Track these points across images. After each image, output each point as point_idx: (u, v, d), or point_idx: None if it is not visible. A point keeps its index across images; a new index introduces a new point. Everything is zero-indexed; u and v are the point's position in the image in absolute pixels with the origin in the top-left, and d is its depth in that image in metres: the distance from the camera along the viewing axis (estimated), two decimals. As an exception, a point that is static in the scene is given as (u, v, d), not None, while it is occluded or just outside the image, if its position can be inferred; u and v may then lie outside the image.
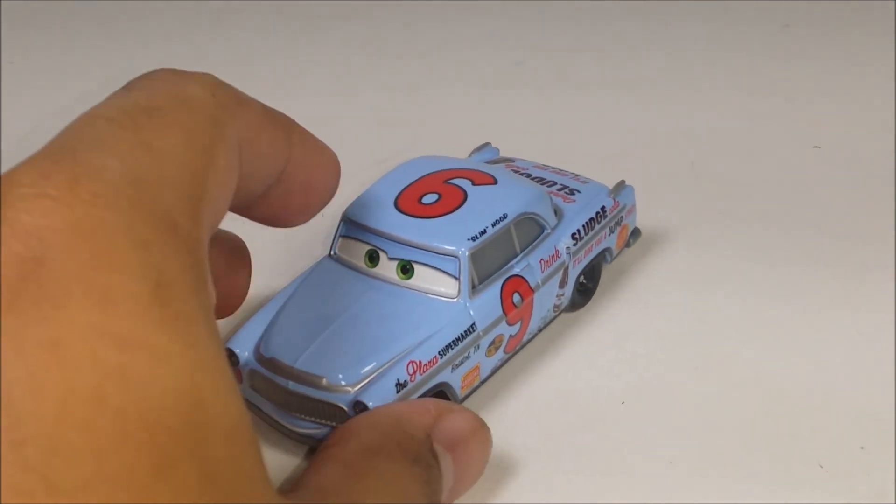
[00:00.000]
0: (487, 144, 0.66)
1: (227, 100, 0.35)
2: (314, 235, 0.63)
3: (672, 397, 0.52)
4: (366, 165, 0.67)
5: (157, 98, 0.33)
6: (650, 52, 0.87)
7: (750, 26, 0.90)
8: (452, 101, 0.82)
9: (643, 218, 0.63)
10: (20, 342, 0.24)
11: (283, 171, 0.40)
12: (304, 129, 0.42)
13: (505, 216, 0.53)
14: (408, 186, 0.55)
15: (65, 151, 0.29)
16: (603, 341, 0.57)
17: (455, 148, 0.64)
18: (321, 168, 0.42)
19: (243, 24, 0.96)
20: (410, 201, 0.54)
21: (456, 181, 0.55)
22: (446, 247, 0.51)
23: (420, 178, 0.55)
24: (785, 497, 0.46)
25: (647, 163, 0.73)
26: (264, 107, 0.39)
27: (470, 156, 0.65)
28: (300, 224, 0.45)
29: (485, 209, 0.53)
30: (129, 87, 0.34)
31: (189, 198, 0.30)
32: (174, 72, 0.36)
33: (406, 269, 0.52)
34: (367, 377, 0.48)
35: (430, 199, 0.54)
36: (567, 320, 0.58)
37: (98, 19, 0.96)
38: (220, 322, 0.57)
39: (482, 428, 0.45)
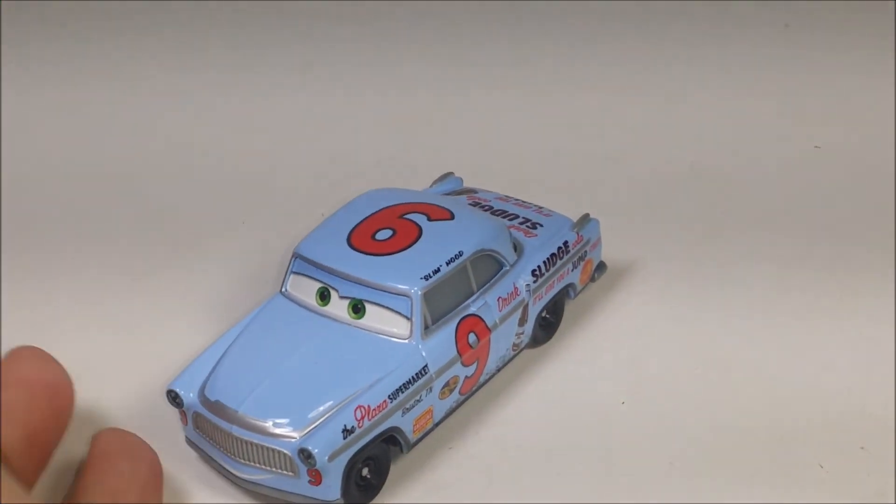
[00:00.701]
0: (450, 174, 0.64)
1: None
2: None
3: (672, 397, 0.52)
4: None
5: None
6: (649, 52, 0.86)
7: (750, 26, 0.89)
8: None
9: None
10: None
11: None
12: None
13: (461, 253, 0.52)
14: (362, 221, 0.53)
15: None
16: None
17: (418, 176, 0.63)
18: None
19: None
20: (364, 237, 0.52)
21: (411, 216, 0.53)
22: (398, 286, 0.50)
23: (375, 213, 0.54)
24: (785, 497, 0.46)
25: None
26: None
27: (432, 185, 0.63)
28: None
29: (440, 246, 0.52)
30: None
31: None
32: None
33: (357, 308, 0.50)
34: (313, 423, 0.46)
35: (383, 234, 0.52)
36: (531, 356, 0.57)
37: (98, 19, 0.94)
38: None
39: None
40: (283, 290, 0.53)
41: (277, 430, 0.47)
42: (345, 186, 0.66)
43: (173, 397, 0.49)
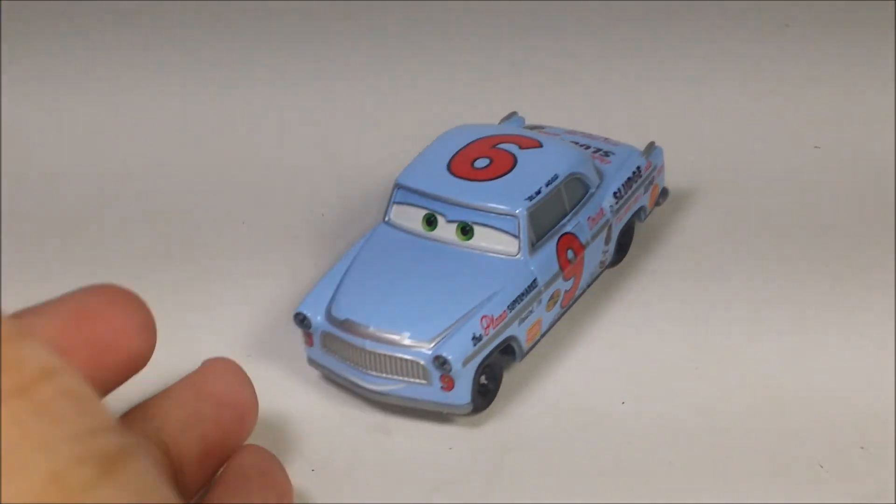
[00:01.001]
0: (514, 113, 0.68)
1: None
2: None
3: (672, 397, 0.52)
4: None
5: None
6: (648, 52, 0.87)
7: (750, 26, 0.90)
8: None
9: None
10: None
11: None
12: None
13: (556, 176, 0.55)
14: (458, 152, 0.57)
15: None
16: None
17: (479, 119, 0.66)
18: None
19: (239, 25, 0.96)
20: (463, 166, 0.56)
21: (504, 146, 0.57)
22: (505, 207, 0.54)
23: (468, 144, 0.57)
24: (785, 497, 0.46)
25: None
26: None
27: (499, 123, 0.67)
28: None
29: (536, 171, 0.56)
30: None
31: None
32: None
33: (466, 230, 0.54)
34: (443, 333, 0.50)
35: (481, 163, 0.56)
36: (608, 277, 0.61)
37: (98, 19, 0.95)
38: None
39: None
40: (387, 219, 0.57)
41: (409, 342, 0.50)
42: (347, 184, 0.69)
43: (301, 319, 0.53)
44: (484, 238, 0.54)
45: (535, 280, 0.53)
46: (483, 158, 0.56)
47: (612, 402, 0.52)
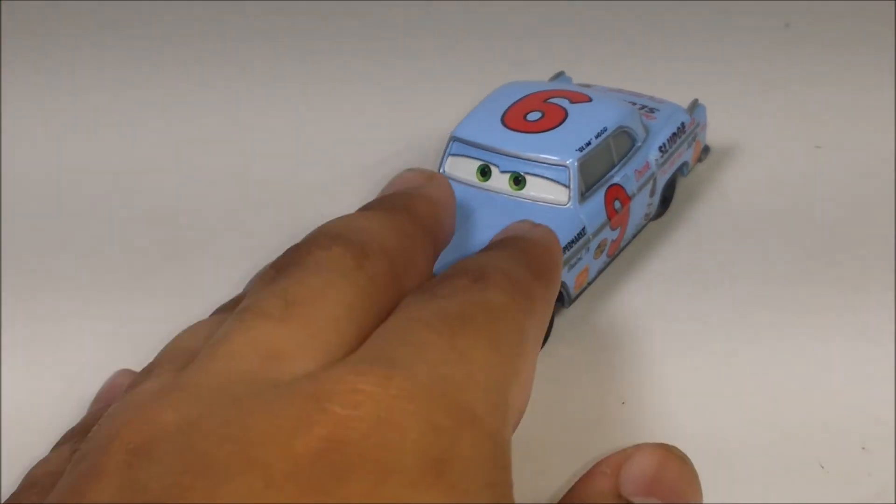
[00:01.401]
0: (562, 73, 0.70)
1: (524, 303, 0.38)
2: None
3: (672, 397, 0.53)
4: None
5: (469, 307, 0.36)
6: (648, 52, 0.87)
7: (750, 26, 0.91)
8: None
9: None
10: None
11: None
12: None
13: (605, 129, 0.58)
14: (511, 106, 0.59)
15: (382, 355, 0.33)
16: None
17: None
18: None
19: (245, 22, 0.97)
20: (516, 119, 0.58)
21: (555, 100, 0.59)
22: (556, 158, 0.56)
23: (521, 99, 0.60)
24: (785, 497, 0.46)
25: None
26: (535, 273, 0.42)
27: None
28: None
29: (586, 123, 0.58)
30: (434, 292, 0.37)
31: (492, 397, 0.33)
32: (474, 277, 0.38)
33: (518, 180, 0.56)
34: (497, 276, 0.52)
35: (534, 116, 0.58)
36: (652, 229, 0.63)
37: (98, 19, 0.97)
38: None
39: (670, 452, 0.42)
40: (441, 171, 0.59)
41: (465, 284, 0.53)
42: (348, 183, 0.69)
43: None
44: (535, 188, 0.56)
45: (584, 228, 0.56)
46: (535, 112, 0.58)
47: (612, 402, 0.52)
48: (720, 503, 0.46)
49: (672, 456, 0.42)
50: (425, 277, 0.42)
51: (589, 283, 0.58)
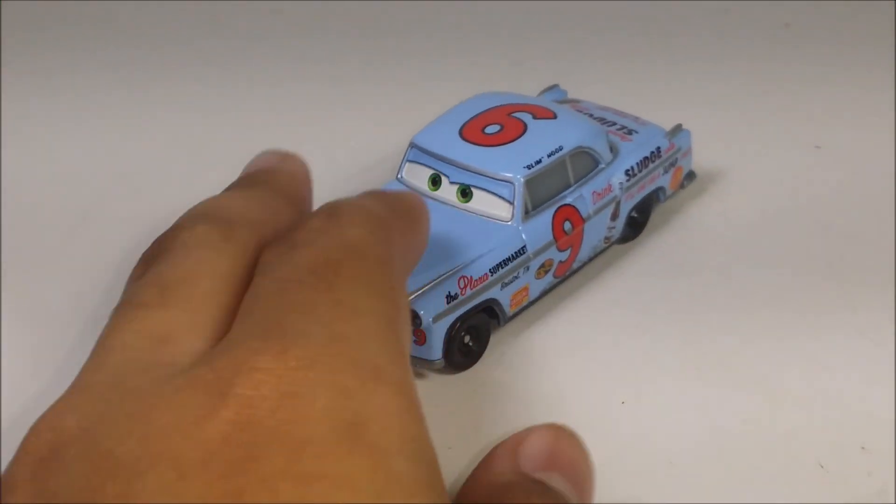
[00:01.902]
0: (556, 86, 0.69)
1: (381, 234, 0.38)
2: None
3: (672, 397, 0.52)
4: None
5: (332, 252, 0.35)
6: (648, 52, 0.87)
7: (750, 26, 0.90)
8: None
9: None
10: (210, 496, 0.28)
11: None
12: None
13: (561, 148, 0.57)
14: (474, 117, 0.59)
15: (271, 326, 0.32)
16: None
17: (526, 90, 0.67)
18: None
19: (243, 22, 0.97)
20: (474, 131, 0.57)
21: (518, 114, 0.59)
22: (503, 173, 0.55)
23: (486, 111, 0.59)
24: (785, 497, 0.46)
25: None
26: (391, 210, 0.41)
27: (538, 96, 0.68)
28: None
29: (542, 141, 0.57)
30: (293, 241, 0.37)
31: (388, 345, 0.33)
32: (327, 215, 0.38)
33: (465, 192, 0.56)
34: (420, 289, 0.52)
35: (492, 129, 0.57)
36: (618, 251, 0.62)
37: (98, 19, 0.97)
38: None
39: (562, 430, 0.42)
40: (399, 176, 0.59)
41: (389, 294, 0.52)
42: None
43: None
44: (481, 202, 0.56)
45: (524, 246, 0.55)
46: (494, 125, 0.58)
47: (612, 402, 0.52)
48: (720, 503, 0.46)
49: (564, 433, 0.41)
50: None
51: (530, 303, 0.57)
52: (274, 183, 0.45)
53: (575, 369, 0.55)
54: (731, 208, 0.66)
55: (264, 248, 0.38)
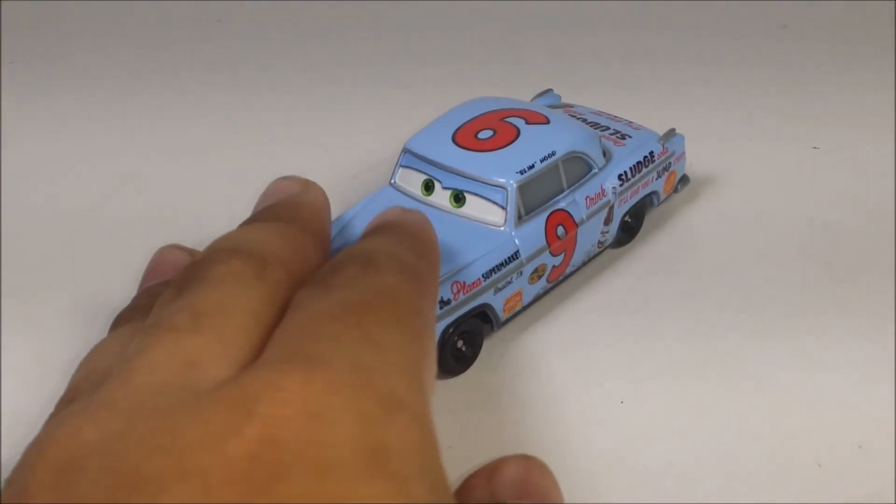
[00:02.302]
0: (550, 90, 0.69)
1: (415, 283, 0.39)
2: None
3: (672, 397, 0.53)
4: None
5: (366, 294, 0.36)
6: (642, 57, 0.87)
7: (749, 26, 0.90)
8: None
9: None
10: None
11: None
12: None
13: (553, 153, 0.57)
14: (466, 122, 0.59)
15: (298, 352, 0.33)
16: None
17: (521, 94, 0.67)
18: None
19: (244, 24, 0.98)
20: (467, 136, 0.57)
21: (511, 119, 0.59)
22: (496, 178, 0.55)
23: (479, 116, 0.59)
24: (784, 496, 0.47)
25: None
26: (422, 258, 0.42)
27: (532, 100, 0.68)
28: None
29: (535, 146, 0.57)
30: (329, 284, 0.38)
31: (410, 379, 0.34)
32: (364, 263, 0.39)
33: (458, 198, 0.56)
34: (414, 294, 0.52)
35: (485, 134, 0.57)
36: (614, 255, 0.62)
37: (98, 19, 0.97)
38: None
39: (532, 460, 0.42)
40: (393, 181, 0.59)
41: (382, 299, 0.52)
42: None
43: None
44: (474, 207, 0.56)
45: (517, 251, 0.55)
46: (487, 130, 0.58)
47: (612, 402, 0.52)
48: (719, 502, 0.46)
49: (535, 463, 0.42)
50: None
51: (524, 307, 0.57)
52: (300, 219, 0.45)
53: (574, 369, 0.55)
54: (726, 211, 0.66)
55: (299, 290, 0.38)
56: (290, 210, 0.46)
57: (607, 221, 0.60)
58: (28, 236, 0.66)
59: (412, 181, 0.58)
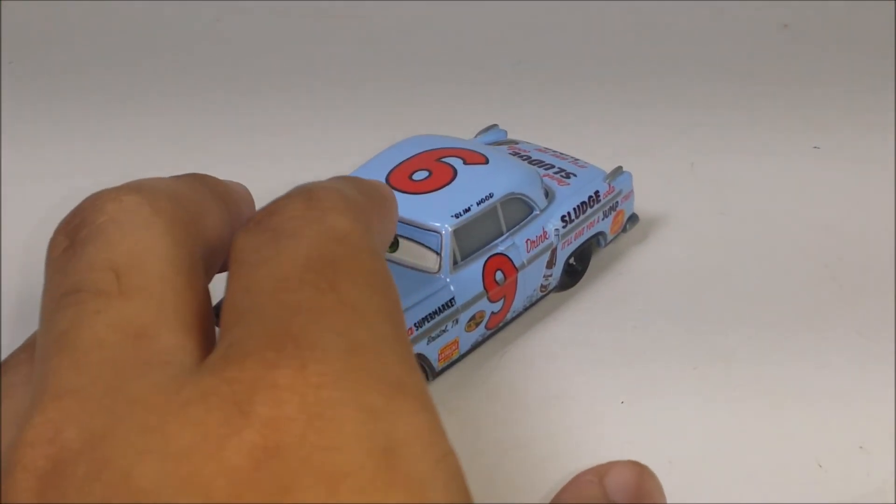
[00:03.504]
0: (495, 126, 0.67)
1: (364, 222, 0.35)
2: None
3: (671, 397, 0.53)
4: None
5: (325, 245, 0.33)
6: (648, 52, 0.87)
7: (749, 26, 0.89)
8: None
9: (643, 205, 0.64)
10: None
11: None
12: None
13: (491, 195, 0.54)
14: (401, 163, 0.56)
15: (284, 337, 0.30)
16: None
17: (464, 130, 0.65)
18: None
19: (242, 30, 0.97)
20: (401, 177, 0.55)
21: (448, 159, 0.56)
22: (430, 222, 0.53)
23: (414, 156, 0.57)
24: (784, 496, 0.46)
25: (649, 156, 0.74)
26: (367, 196, 0.39)
27: (476, 137, 0.66)
28: None
29: (472, 187, 0.55)
30: (272, 229, 0.34)
31: (403, 349, 0.31)
32: (306, 199, 0.35)
33: (392, 243, 0.54)
34: (342, 345, 0.50)
35: (420, 175, 0.55)
36: (555, 299, 0.60)
37: (98, 19, 0.97)
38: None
39: (644, 467, 0.42)
40: (326, 224, 0.56)
41: (310, 351, 0.50)
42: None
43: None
44: (408, 252, 0.53)
45: (452, 298, 0.53)
46: (422, 171, 0.56)
47: (612, 402, 0.52)
48: (719, 502, 0.46)
49: (647, 472, 0.41)
50: (224, 232, 0.39)
51: (461, 356, 0.55)
52: (202, 178, 0.42)
53: (574, 369, 0.54)
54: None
55: (236, 235, 0.35)
56: (192, 173, 0.43)
57: (550, 265, 0.58)
58: (28, 236, 0.65)
59: (345, 224, 0.55)
